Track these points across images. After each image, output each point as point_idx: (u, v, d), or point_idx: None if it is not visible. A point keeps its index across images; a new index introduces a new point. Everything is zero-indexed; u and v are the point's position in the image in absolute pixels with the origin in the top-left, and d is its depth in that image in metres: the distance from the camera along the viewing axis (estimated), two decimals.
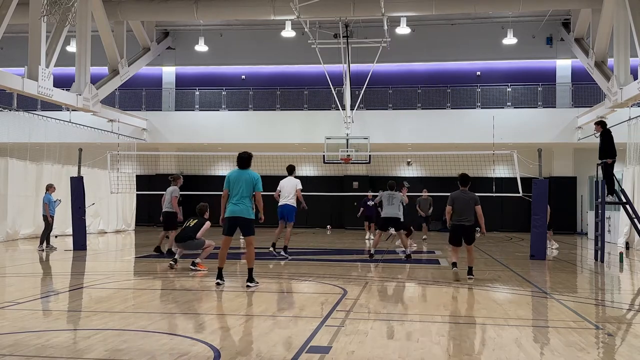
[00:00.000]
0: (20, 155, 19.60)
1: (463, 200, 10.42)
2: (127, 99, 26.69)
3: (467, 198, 10.44)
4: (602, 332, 6.46)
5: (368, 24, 24.12)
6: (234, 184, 9.00)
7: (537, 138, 23.29)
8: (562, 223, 25.73)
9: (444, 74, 26.81)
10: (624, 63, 17.69)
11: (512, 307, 7.91)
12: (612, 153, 13.70)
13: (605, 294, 9.70)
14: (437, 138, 24.12)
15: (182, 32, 28.11)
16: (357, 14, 21.22)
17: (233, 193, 9.00)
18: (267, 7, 21.25)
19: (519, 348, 5.64)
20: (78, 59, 19.67)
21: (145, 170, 25.48)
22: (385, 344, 5.71)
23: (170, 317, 7.04)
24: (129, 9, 22.87)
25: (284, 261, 13.21)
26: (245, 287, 8.92)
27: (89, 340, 5.85)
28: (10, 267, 12.17)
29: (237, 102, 27.00)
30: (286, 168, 14.32)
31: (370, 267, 12.51)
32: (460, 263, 10.56)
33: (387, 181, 14.83)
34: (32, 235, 19.44)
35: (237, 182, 8.99)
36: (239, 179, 9.01)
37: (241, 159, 9.19)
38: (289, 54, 26.82)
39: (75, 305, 7.85)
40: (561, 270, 12.26)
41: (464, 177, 10.83)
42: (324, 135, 23.04)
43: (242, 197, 8.95)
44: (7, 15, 15.82)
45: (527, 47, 25.89)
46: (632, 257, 15.53)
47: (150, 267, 12.15)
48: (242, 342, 5.74)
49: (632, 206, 14.36)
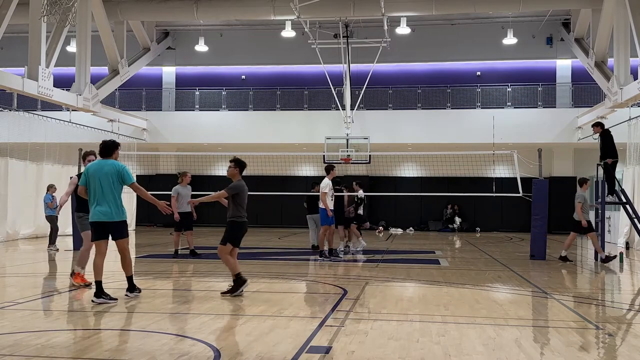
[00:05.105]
0: (20, 155, 19.58)
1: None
2: (127, 99, 26.68)
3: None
4: (602, 332, 6.46)
5: (368, 24, 24.11)
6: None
7: (537, 138, 23.28)
8: (562, 223, 25.77)
9: (444, 74, 26.80)
10: (624, 63, 17.68)
11: (512, 307, 7.91)
12: (613, 153, 13.71)
13: (605, 294, 9.70)
14: (437, 138, 24.11)
15: (182, 32, 28.11)
16: (357, 14, 21.21)
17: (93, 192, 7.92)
18: (267, 7, 21.25)
19: (519, 348, 5.64)
20: (78, 59, 19.66)
21: (145, 171, 25.48)
22: (385, 344, 5.71)
23: (170, 317, 7.04)
24: (129, 9, 22.86)
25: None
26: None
27: (89, 340, 5.86)
28: (10, 267, 12.17)
29: (237, 102, 27.00)
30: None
31: (370, 267, 12.51)
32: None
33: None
34: (32, 235, 19.44)
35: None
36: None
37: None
38: (289, 54, 26.81)
39: (75, 306, 7.85)
40: (561, 270, 12.26)
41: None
42: (324, 135, 23.03)
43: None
44: (7, 15, 15.82)
45: (527, 47, 25.88)
46: (632, 257, 15.53)
47: (150, 267, 12.15)
48: (242, 342, 5.74)
49: (632, 206, 14.37)
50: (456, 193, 23.38)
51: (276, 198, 24.88)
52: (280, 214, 27.85)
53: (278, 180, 26.03)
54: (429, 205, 27.29)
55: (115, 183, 7.82)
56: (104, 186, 7.77)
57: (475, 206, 26.66)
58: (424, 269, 12.08)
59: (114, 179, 7.81)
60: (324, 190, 13.23)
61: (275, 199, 25.38)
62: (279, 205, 27.24)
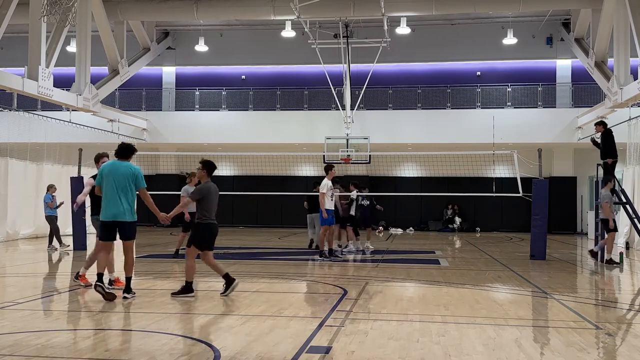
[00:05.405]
0: (20, 155, 19.58)
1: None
2: (127, 99, 26.68)
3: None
4: (602, 332, 6.46)
5: (368, 24, 24.11)
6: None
7: (537, 138, 23.28)
8: (562, 223, 25.79)
9: (444, 74, 26.80)
10: (624, 63, 17.68)
11: (512, 307, 7.92)
12: (612, 153, 13.71)
13: (605, 294, 9.70)
14: (437, 138, 24.11)
15: (182, 32, 28.11)
16: (357, 14, 21.21)
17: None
18: (267, 7, 21.25)
19: (519, 348, 5.64)
20: (78, 59, 19.66)
21: (145, 171, 25.15)
22: (385, 344, 5.71)
23: (170, 317, 7.04)
24: (129, 9, 22.87)
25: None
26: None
27: (89, 340, 5.86)
28: (10, 267, 12.17)
29: (237, 102, 27.01)
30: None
31: (370, 267, 12.51)
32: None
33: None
34: (32, 235, 19.44)
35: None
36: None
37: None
38: (289, 54, 26.81)
39: (75, 306, 7.85)
40: (561, 270, 12.26)
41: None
42: (324, 135, 23.03)
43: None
44: (7, 15, 15.82)
45: (527, 47, 25.88)
46: (632, 257, 15.53)
47: (150, 267, 12.16)
48: (242, 342, 5.74)
49: (632, 206, 14.36)
50: (456, 193, 23.38)
51: (276, 198, 24.89)
52: (280, 214, 27.85)
53: (278, 180, 26.03)
54: (429, 205, 27.29)
55: (129, 185, 7.95)
56: (117, 187, 7.88)
57: (475, 206, 26.66)
58: (424, 269, 12.08)
59: (129, 181, 7.95)
60: (322, 191, 13.27)
61: (275, 199, 25.40)
62: (279, 205, 27.24)
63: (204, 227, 8.41)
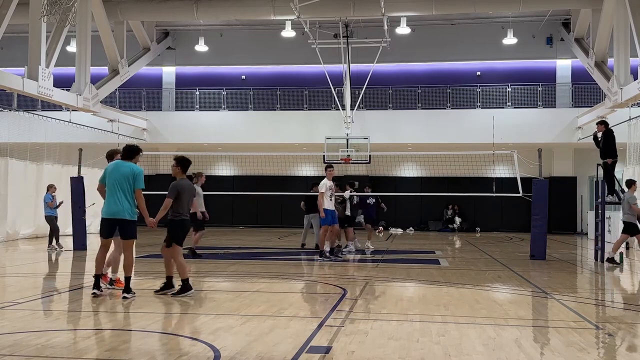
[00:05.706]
0: (20, 155, 19.58)
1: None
2: (127, 99, 26.67)
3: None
4: (602, 332, 6.47)
5: (368, 24, 24.10)
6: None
7: (537, 138, 23.28)
8: (562, 223, 25.79)
9: (444, 74, 26.80)
10: (624, 63, 17.68)
11: (512, 307, 7.92)
12: (613, 153, 13.70)
13: (605, 294, 9.70)
14: (437, 138, 24.11)
15: (182, 32, 28.11)
16: (357, 14, 21.21)
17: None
18: (267, 7, 21.24)
19: (519, 348, 5.64)
20: (78, 59, 19.66)
21: (145, 171, 25.31)
22: (385, 344, 5.71)
23: (170, 317, 7.04)
24: (129, 9, 22.86)
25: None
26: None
27: (89, 340, 5.86)
28: (10, 267, 12.17)
29: (237, 102, 27.00)
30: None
31: (370, 267, 12.51)
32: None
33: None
34: (32, 235, 19.44)
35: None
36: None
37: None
38: (289, 54, 26.81)
39: (75, 306, 7.85)
40: (561, 270, 12.26)
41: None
42: (324, 135, 23.02)
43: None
44: (7, 15, 15.81)
45: (527, 47, 25.88)
46: (632, 257, 15.53)
47: (150, 267, 12.15)
48: (242, 342, 5.74)
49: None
50: (456, 193, 23.38)
51: (276, 198, 24.89)
52: (280, 214, 27.85)
53: (278, 180, 26.03)
54: (429, 205, 27.28)
55: (129, 184, 8.16)
56: (118, 185, 8.10)
57: (475, 206, 26.66)
58: (424, 269, 12.08)
59: (129, 180, 8.16)
60: (321, 191, 13.28)
61: (275, 199, 25.39)
62: (278, 205, 27.24)
63: (178, 224, 8.55)
